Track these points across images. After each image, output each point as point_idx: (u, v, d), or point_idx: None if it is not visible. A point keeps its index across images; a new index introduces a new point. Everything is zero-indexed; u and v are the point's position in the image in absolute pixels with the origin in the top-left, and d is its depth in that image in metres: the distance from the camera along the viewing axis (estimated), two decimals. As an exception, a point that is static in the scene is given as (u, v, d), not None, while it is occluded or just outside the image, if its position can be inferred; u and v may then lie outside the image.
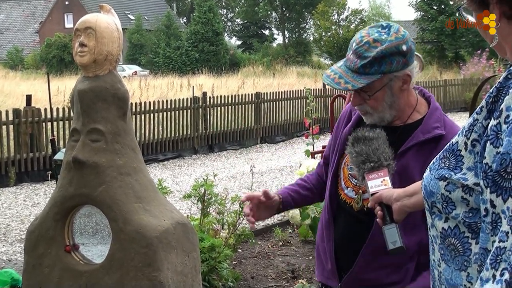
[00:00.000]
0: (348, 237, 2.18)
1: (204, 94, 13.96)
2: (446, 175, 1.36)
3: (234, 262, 5.68)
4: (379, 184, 1.87)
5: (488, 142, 1.24)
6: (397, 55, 2.01)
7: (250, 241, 5.55)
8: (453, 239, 1.36)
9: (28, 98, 10.85)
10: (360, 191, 2.14)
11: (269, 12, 59.79)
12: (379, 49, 2.00)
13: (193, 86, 17.36)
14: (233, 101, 14.21)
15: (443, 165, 1.39)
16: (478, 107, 1.35)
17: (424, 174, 1.47)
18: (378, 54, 1.99)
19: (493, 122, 1.25)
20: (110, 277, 2.52)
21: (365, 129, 2.00)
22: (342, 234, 2.20)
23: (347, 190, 2.19)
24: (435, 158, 1.45)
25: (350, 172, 2.18)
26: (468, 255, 1.33)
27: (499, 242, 1.16)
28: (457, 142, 1.38)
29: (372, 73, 2.01)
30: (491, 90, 1.34)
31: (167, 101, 12.84)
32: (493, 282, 1.15)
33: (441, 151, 1.43)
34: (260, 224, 7.32)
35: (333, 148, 2.31)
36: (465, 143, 1.35)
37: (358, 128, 2.06)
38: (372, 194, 1.85)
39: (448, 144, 1.42)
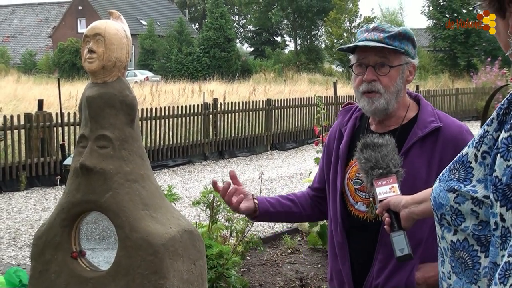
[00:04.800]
0: (365, 253, 2.15)
1: (215, 100, 13.98)
2: (456, 187, 1.33)
3: (242, 270, 5.67)
4: (388, 191, 1.85)
5: (499, 155, 1.21)
6: (412, 42, 2.14)
7: (259, 248, 5.53)
8: (462, 252, 1.33)
9: (40, 102, 10.91)
10: (371, 199, 2.12)
11: (281, 19, 59.84)
12: (401, 28, 2.13)
13: (204, 92, 17.39)
14: (244, 107, 14.22)
15: (452, 176, 1.36)
16: (489, 119, 1.33)
17: (434, 185, 1.44)
18: (402, 31, 2.11)
19: (504, 134, 1.23)
20: (116, 284, 2.51)
21: (374, 136, 1.98)
22: (360, 252, 2.17)
23: (357, 205, 2.17)
24: (444, 170, 1.42)
25: (356, 187, 2.16)
26: (477, 268, 1.31)
27: (508, 257, 1.14)
28: (467, 153, 1.35)
29: (396, 46, 2.09)
30: (502, 102, 1.31)
31: (178, 107, 12.87)
32: None
33: (451, 162, 1.41)
34: (269, 232, 7.30)
35: (331, 167, 2.26)
36: (475, 155, 1.33)
37: (367, 134, 2.05)
38: (380, 201, 1.83)
39: (458, 155, 1.39)
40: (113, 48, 2.48)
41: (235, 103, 14.25)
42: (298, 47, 57.37)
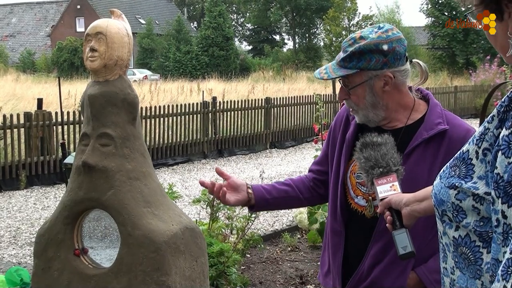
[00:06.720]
0: (360, 246, 2.16)
1: (214, 98, 13.99)
2: (457, 184, 1.34)
3: (242, 267, 5.68)
4: (388, 189, 1.86)
5: (500, 152, 1.22)
6: (377, 53, 2.05)
7: (259, 246, 5.55)
8: (464, 248, 1.34)
9: (39, 101, 10.91)
10: (370, 197, 2.13)
11: (280, 17, 59.83)
12: (358, 44, 2.06)
13: (203, 91, 17.39)
14: (243, 106, 14.23)
15: (453, 173, 1.37)
16: (490, 116, 1.34)
17: (434, 182, 1.45)
18: (356, 49, 2.05)
19: (505, 132, 1.24)
20: (118, 281, 2.52)
21: (373, 135, 1.99)
22: (354, 244, 2.19)
23: (357, 198, 2.18)
24: (445, 166, 1.43)
25: (358, 180, 2.17)
26: (479, 264, 1.32)
27: (510, 253, 1.15)
28: (468, 150, 1.36)
29: (350, 67, 2.07)
30: (503, 99, 1.32)
31: (177, 105, 12.87)
32: None
33: (452, 159, 1.42)
34: (268, 230, 7.32)
35: (335, 155, 2.26)
36: (476, 152, 1.33)
37: (366, 133, 2.05)
38: (381, 199, 1.85)
39: (459, 152, 1.40)
40: (115, 46, 2.50)
41: (234, 101, 14.25)
42: (297, 46, 57.38)
